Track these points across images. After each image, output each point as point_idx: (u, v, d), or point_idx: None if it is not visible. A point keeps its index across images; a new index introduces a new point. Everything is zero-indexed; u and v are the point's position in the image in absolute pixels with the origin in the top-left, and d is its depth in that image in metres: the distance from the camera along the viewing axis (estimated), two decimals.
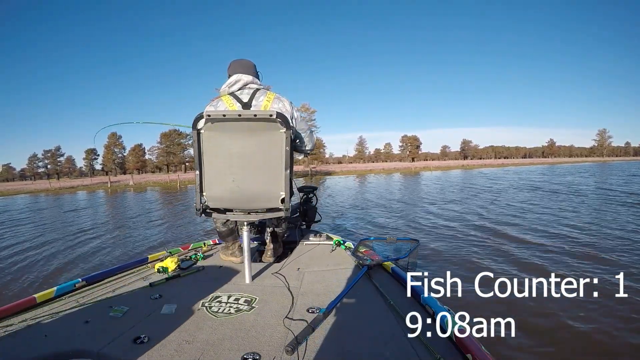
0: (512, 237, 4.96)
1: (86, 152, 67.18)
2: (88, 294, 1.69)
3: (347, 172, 41.66)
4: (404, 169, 44.64)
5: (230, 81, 1.92)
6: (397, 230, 5.74)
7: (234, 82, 1.92)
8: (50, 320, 1.39)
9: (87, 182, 41.71)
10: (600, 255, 3.84)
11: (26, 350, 1.17)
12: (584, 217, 6.01)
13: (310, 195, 3.03)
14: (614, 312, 2.45)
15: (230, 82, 1.92)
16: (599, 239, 4.54)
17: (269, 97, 1.95)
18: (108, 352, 1.15)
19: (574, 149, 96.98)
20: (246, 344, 1.18)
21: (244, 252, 1.78)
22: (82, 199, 19.87)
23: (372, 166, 56.81)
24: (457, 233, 5.32)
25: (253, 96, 1.92)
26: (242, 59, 2.02)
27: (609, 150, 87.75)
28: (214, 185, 1.70)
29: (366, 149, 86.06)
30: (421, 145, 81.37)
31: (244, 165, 1.67)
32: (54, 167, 65.48)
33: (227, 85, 1.93)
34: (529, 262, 3.74)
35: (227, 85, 1.93)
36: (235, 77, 1.93)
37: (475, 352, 1.03)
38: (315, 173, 36.10)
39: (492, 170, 32.36)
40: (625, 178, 15.28)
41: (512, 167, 43.68)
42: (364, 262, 1.93)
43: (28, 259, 5.21)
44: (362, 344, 1.17)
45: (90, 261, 4.97)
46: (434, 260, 3.92)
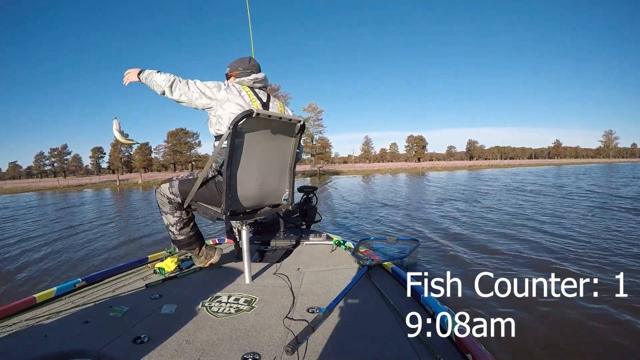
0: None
1: (92, 150, 68.13)
2: (88, 294, 1.69)
3: (355, 171, 41.74)
4: (410, 169, 44.65)
5: (258, 77, 1.87)
6: (421, 232, 5.61)
7: (261, 79, 1.89)
8: (50, 320, 1.39)
9: (95, 180, 41.94)
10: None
11: (26, 350, 1.17)
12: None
13: (310, 195, 3.03)
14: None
15: (258, 78, 1.87)
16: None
17: (280, 103, 1.98)
18: (108, 352, 1.15)
19: (580, 149, 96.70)
20: (246, 344, 1.18)
21: (243, 252, 1.78)
22: (105, 197, 19.41)
23: (379, 166, 56.97)
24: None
25: (269, 98, 1.92)
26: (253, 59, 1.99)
27: (615, 151, 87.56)
28: (245, 184, 1.71)
29: (372, 149, 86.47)
30: (427, 146, 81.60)
31: (267, 165, 1.79)
32: (61, 165, 66.21)
33: (254, 79, 1.86)
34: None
35: (253, 79, 1.85)
36: (262, 75, 1.90)
37: (475, 352, 1.03)
38: (323, 173, 36.29)
39: (494, 172, 32.28)
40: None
41: (519, 167, 43.72)
42: (364, 262, 1.93)
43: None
44: (362, 344, 1.17)
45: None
46: (435, 261, 3.92)
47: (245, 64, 1.90)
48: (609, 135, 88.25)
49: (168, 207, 1.87)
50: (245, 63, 1.90)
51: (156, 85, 1.68)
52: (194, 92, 1.69)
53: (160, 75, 1.69)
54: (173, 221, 1.89)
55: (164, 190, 1.85)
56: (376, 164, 67.05)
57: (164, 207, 1.88)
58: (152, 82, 1.69)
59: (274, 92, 30.49)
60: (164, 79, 1.68)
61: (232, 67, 1.91)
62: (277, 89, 30.43)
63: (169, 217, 1.89)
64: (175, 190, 1.83)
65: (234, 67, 1.90)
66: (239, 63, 1.91)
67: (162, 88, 1.68)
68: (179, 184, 1.84)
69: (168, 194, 1.84)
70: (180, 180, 1.84)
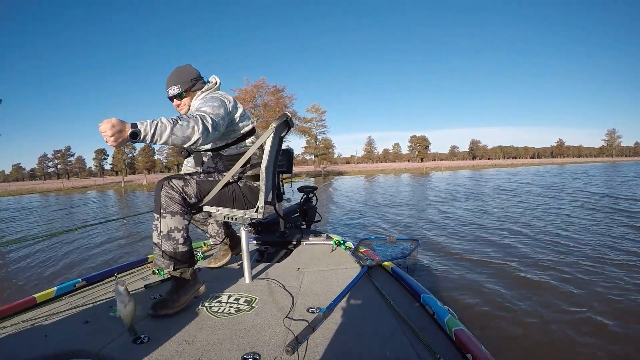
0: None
1: (96, 152, 69.25)
2: (88, 294, 1.70)
3: (359, 172, 41.95)
4: (414, 169, 44.60)
5: (217, 80, 1.84)
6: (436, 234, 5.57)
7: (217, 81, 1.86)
8: (50, 320, 1.40)
9: (99, 181, 42.32)
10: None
11: (26, 350, 1.17)
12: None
13: (310, 195, 3.03)
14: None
15: (217, 82, 1.84)
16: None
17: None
18: (108, 352, 1.15)
19: (583, 149, 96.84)
20: (246, 344, 1.18)
21: (243, 252, 1.78)
22: (110, 197, 19.61)
23: (382, 166, 57.11)
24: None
25: None
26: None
27: (618, 150, 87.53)
28: (269, 186, 1.74)
29: (375, 149, 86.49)
30: (430, 146, 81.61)
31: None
32: (64, 166, 67.10)
33: (216, 83, 1.82)
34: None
35: (216, 83, 1.82)
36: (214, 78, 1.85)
37: (475, 351, 1.02)
38: (327, 173, 36.59)
39: (499, 172, 32.20)
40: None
41: (521, 167, 43.83)
42: (364, 262, 1.93)
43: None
44: (362, 343, 1.17)
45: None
46: (437, 260, 3.91)
47: (197, 74, 1.77)
48: (612, 134, 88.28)
49: (178, 207, 1.51)
50: (197, 73, 1.77)
51: (181, 138, 1.31)
52: (225, 118, 1.56)
53: (181, 124, 1.30)
54: (181, 225, 1.51)
55: (177, 185, 1.53)
56: (380, 164, 67.34)
57: (172, 207, 1.50)
58: (169, 135, 1.27)
59: (279, 93, 30.43)
60: (190, 125, 1.33)
61: (190, 84, 1.73)
62: (282, 89, 30.52)
63: (175, 220, 1.49)
64: (192, 190, 1.57)
65: (196, 85, 1.75)
66: (194, 76, 1.75)
67: (197, 135, 1.35)
68: (198, 184, 1.59)
69: (182, 191, 1.54)
70: (198, 180, 1.60)
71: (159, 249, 1.49)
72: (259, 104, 29.61)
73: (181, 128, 1.30)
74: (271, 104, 29.82)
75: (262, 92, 30.15)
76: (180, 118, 1.32)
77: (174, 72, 1.74)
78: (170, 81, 1.73)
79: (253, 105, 29.49)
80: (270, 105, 29.68)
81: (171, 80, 1.72)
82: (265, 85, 30.34)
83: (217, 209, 1.70)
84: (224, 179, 1.63)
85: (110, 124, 1.14)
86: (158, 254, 1.50)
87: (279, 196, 2.53)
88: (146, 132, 1.20)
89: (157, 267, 1.54)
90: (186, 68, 1.76)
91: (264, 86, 30.28)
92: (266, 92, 30.30)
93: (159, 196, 1.50)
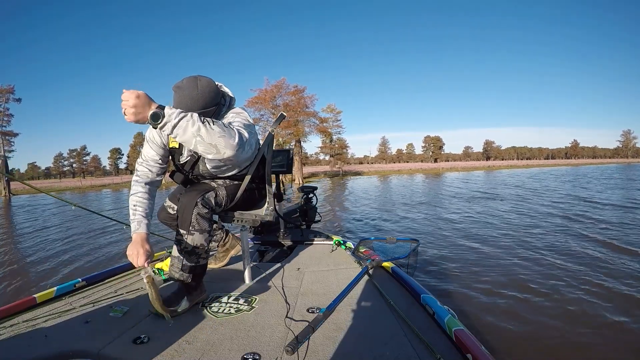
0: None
1: (111, 151, 70.09)
2: (88, 294, 1.69)
3: (375, 172, 42.61)
4: (430, 170, 44.71)
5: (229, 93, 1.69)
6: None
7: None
8: (50, 320, 1.39)
9: (117, 180, 42.70)
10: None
11: (26, 350, 1.17)
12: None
13: (310, 195, 3.03)
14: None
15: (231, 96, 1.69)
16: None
17: None
18: (108, 352, 1.15)
19: (597, 149, 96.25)
20: (246, 344, 1.18)
21: (243, 252, 1.78)
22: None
23: (399, 167, 57.58)
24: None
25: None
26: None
27: (634, 151, 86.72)
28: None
29: (388, 149, 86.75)
30: (443, 146, 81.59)
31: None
32: (79, 165, 67.74)
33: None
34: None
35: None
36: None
37: (475, 351, 1.02)
38: (345, 173, 37.70)
39: (516, 172, 31.97)
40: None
41: (536, 168, 43.84)
42: (364, 262, 1.93)
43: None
44: (362, 344, 1.17)
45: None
46: (438, 260, 3.91)
47: (217, 91, 1.45)
48: (627, 135, 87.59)
49: (207, 225, 1.45)
50: (215, 91, 1.44)
51: (206, 144, 1.09)
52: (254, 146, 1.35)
53: (213, 128, 1.09)
54: (206, 241, 1.47)
55: (209, 203, 1.46)
56: (395, 165, 67.89)
57: (202, 224, 1.43)
58: (194, 135, 1.07)
59: (299, 93, 30.15)
60: (224, 132, 1.11)
61: (212, 102, 1.42)
62: (302, 89, 30.22)
63: (203, 237, 1.44)
64: (222, 197, 1.53)
65: (216, 102, 1.44)
66: (215, 94, 1.43)
67: (230, 150, 1.12)
68: (227, 189, 1.57)
69: (213, 204, 1.48)
70: (226, 186, 1.58)
71: (179, 262, 1.44)
72: (279, 104, 29.32)
73: (212, 133, 1.08)
74: (292, 104, 29.47)
75: (282, 92, 29.88)
76: (215, 122, 1.11)
77: (204, 91, 1.38)
78: (197, 102, 1.37)
79: (273, 105, 29.18)
80: (291, 105, 29.33)
81: (200, 102, 1.37)
82: (285, 85, 30.02)
83: (240, 213, 1.70)
84: (245, 180, 1.57)
85: (135, 94, 1.00)
86: (177, 266, 1.45)
87: (279, 196, 2.53)
88: (169, 119, 1.03)
89: (172, 278, 1.49)
90: (211, 85, 1.42)
91: (284, 86, 29.95)
92: (286, 92, 30.02)
93: (189, 214, 1.40)
